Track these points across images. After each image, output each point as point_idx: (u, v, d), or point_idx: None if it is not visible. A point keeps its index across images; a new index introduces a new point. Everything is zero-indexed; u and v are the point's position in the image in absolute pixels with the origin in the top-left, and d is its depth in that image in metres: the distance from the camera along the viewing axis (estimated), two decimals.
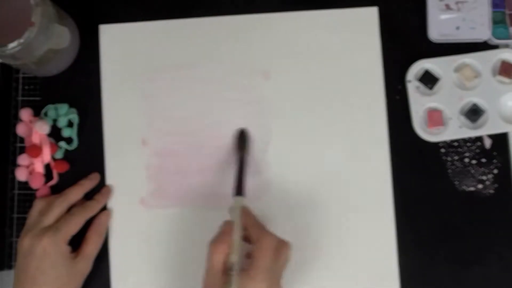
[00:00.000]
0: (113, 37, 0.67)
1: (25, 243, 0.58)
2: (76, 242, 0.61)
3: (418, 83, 0.64)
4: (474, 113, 0.64)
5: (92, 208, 0.63)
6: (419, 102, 0.64)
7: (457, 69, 0.64)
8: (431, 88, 0.64)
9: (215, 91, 0.66)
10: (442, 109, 0.64)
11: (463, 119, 0.64)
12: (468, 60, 0.64)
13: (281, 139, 0.65)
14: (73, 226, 0.60)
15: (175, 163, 0.65)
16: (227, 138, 0.65)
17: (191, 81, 0.66)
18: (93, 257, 0.61)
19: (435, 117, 0.64)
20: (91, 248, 0.61)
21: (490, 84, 0.64)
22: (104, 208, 0.64)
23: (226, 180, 0.64)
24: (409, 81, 0.64)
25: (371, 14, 0.66)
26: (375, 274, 0.63)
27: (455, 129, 0.64)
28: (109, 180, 0.65)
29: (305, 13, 0.66)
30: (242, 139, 0.64)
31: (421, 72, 0.64)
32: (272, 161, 0.65)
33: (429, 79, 0.64)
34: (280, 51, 0.66)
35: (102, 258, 0.64)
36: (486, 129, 0.63)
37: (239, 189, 0.59)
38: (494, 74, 0.64)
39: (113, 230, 0.65)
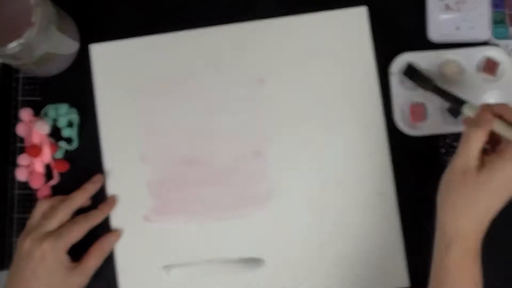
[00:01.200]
0: (105, 56, 0.67)
1: (24, 245, 0.58)
2: (78, 254, 0.61)
3: (402, 77, 0.64)
4: (457, 108, 0.64)
5: (96, 217, 0.62)
6: (402, 96, 0.64)
7: (442, 64, 0.64)
8: (415, 82, 0.64)
9: (211, 101, 0.66)
10: (425, 104, 0.64)
11: (445, 114, 0.64)
12: (453, 56, 0.64)
13: (280, 144, 0.65)
14: (75, 234, 0.59)
15: (175, 177, 0.65)
16: (227, 148, 0.65)
17: (186, 94, 0.66)
18: (91, 272, 0.61)
19: (418, 111, 0.64)
20: (91, 264, 0.60)
21: (473, 80, 0.64)
22: (107, 221, 0.64)
23: (229, 191, 0.64)
24: (393, 74, 0.64)
25: (360, 13, 0.66)
26: (383, 273, 0.63)
27: (437, 124, 0.64)
28: (110, 187, 0.65)
29: (296, 18, 0.66)
30: (418, 76, 0.63)
31: (405, 66, 0.64)
32: (273, 167, 0.65)
33: (412, 73, 0.64)
34: (273, 57, 0.66)
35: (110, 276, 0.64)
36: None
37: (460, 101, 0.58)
38: (478, 70, 0.64)
39: (119, 248, 0.64)
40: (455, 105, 0.59)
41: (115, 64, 0.67)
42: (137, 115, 0.66)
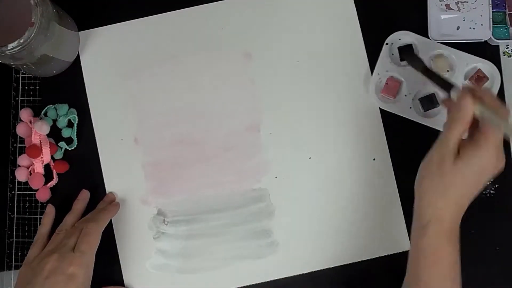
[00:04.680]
0: (91, 42, 0.67)
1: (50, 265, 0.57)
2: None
3: (394, 50, 0.65)
4: (429, 101, 0.64)
5: (106, 218, 0.62)
6: (385, 67, 0.64)
7: (434, 56, 0.64)
8: (401, 60, 0.64)
9: (200, 80, 0.67)
10: (402, 83, 0.64)
11: (416, 102, 0.64)
12: (447, 53, 0.64)
13: (273, 116, 0.66)
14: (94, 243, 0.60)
15: (170, 158, 0.65)
16: (220, 124, 0.66)
17: (174, 74, 0.66)
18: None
19: (391, 86, 0.64)
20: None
21: (457, 83, 0.63)
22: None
23: (225, 167, 0.65)
24: (387, 44, 0.64)
25: None
26: (386, 238, 0.64)
27: (405, 108, 0.64)
28: (108, 183, 0.65)
29: None
30: (412, 56, 0.62)
31: (402, 43, 0.64)
32: (267, 140, 0.65)
33: (407, 53, 0.64)
34: (258, 31, 0.67)
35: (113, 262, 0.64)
36: (432, 122, 0.63)
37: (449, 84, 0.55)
38: (466, 77, 0.64)
39: (120, 233, 0.65)
40: (444, 88, 0.56)
41: (101, 49, 0.67)
42: (128, 99, 0.66)
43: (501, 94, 0.65)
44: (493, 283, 0.64)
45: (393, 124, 0.65)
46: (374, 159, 0.65)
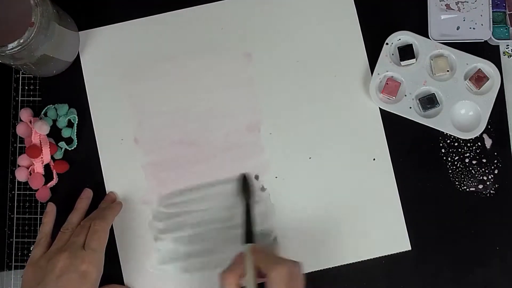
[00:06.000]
0: (91, 42, 0.67)
1: (61, 263, 0.56)
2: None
3: (394, 50, 0.65)
4: (429, 101, 0.64)
5: (111, 217, 0.62)
6: (385, 67, 0.64)
7: (434, 55, 0.64)
8: (401, 60, 0.64)
9: (200, 80, 0.67)
10: (402, 83, 0.64)
11: (416, 102, 0.64)
12: (447, 52, 0.64)
13: (272, 116, 0.66)
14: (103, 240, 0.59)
15: (170, 158, 0.65)
16: (220, 124, 0.66)
17: (174, 74, 0.66)
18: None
19: (391, 86, 0.64)
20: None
21: (457, 84, 0.64)
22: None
23: (225, 167, 0.65)
24: (387, 44, 0.64)
25: None
26: (386, 238, 0.64)
27: (405, 108, 0.64)
28: (108, 183, 0.65)
29: None
30: (245, 185, 0.64)
31: (402, 43, 0.65)
32: (267, 140, 0.65)
33: (406, 52, 0.64)
34: (259, 31, 0.67)
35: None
36: (432, 122, 0.63)
37: (248, 237, 0.60)
38: (465, 77, 0.64)
39: (120, 233, 0.65)
40: (245, 236, 0.60)
41: (101, 49, 0.67)
42: (127, 99, 0.66)
43: (501, 94, 0.65)
44: (493, 283, 0.64)
45: (393, 124, 0.65)
46: (374, 159, 0.65)
